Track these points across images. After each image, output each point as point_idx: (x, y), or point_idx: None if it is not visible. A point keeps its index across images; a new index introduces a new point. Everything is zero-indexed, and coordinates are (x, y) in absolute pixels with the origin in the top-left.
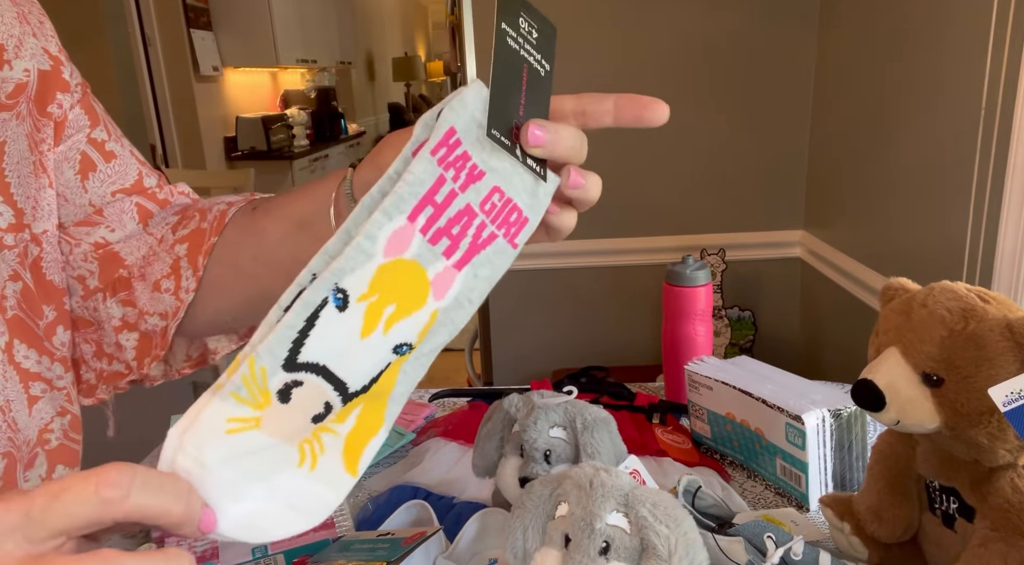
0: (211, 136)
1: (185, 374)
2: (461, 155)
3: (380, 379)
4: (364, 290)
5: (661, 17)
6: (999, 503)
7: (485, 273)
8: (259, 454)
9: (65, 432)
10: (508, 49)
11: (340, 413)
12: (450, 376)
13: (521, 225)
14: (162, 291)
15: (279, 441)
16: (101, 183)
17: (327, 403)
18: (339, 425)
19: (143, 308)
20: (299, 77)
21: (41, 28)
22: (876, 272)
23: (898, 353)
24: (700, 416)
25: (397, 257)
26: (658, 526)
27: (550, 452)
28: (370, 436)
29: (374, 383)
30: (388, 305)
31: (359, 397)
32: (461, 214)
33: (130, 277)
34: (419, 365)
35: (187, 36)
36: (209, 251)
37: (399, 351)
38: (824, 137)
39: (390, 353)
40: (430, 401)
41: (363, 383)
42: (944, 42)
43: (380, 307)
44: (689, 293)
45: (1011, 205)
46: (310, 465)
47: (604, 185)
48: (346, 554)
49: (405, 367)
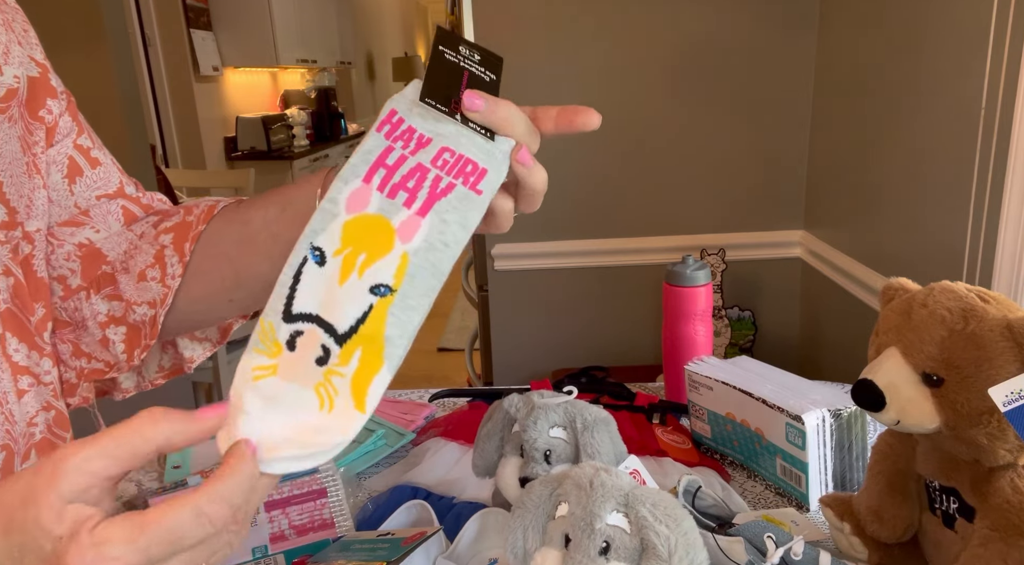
0: (211, 136)
1: (158, 385)
2: (406, 129)
3: (367, 321)
4: (337, 245)
5: (661, 18)
6: (999, 503)
7: (453, 217)
8: (283, 398)
9: (49, 427)
10: (445, 59)
11: (342, 355)
12: (450, 376)
13: (480, 175)
14: (148, 280)
15: (296, 386)
16: (87, 188)
17: (323, 345)
18: (344, 367)
19: (130, 299)
20: (299, 77)
21: (26, 36)
22: (876, 272)
23: (898, 353)
24: (700, 416)
25: (360, 212)
26: (658, 526)
27: (550, 452)
28: (373, 374)
29: (361, 324)
30: (360, 254)
31: (352, 339)
32: (413, 171)
33: (113, 272)
34: (408, 308)
35: (187, 36)
36: (196, 238)
37: (376, 291)
38: (824, 137)
39: (368, 294)
40: (430, 401)
41: (349, 324)
42: (944, 42)
43: (353, 256)
44: (689, 293)
45: (1011, 205)
46: (328, 407)
47: (604, 185)
48: (346, 554)
49: (392, 310)
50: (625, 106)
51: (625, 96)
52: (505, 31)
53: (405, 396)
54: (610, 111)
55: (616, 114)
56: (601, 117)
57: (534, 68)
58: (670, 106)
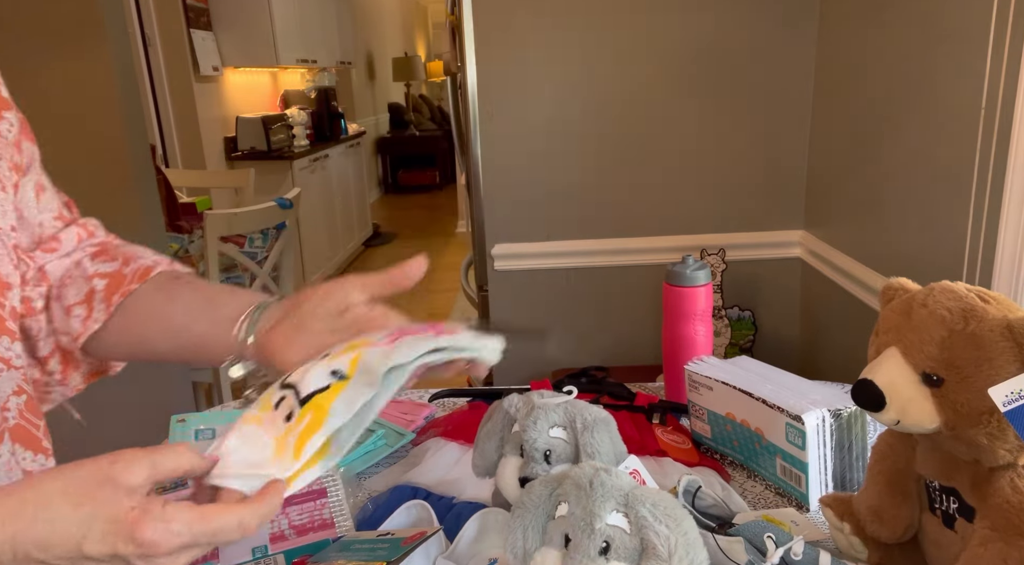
0: (211, 136)
1: (81, 389)
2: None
3: (322, 393)
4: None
5: (662, 18)
6: (999, 503)
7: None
8: (255, 441)
9: (21, 412)
10: None
11: (299, 417)
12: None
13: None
14: (72, 316)
15: (266, 435)
16: (43, 208)
17: (291, 408)
18: (297, 426)
19: (57, 326)
20: (299, 77)
21: None
22: (876, 272)
23: (898, 353)
24: (700, 416)
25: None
26: (658, 526)
27: (550, 452)
28: (312, 434)
29: (316, 394)
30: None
31: (307, 404)
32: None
33: (49, 297)
34: (354, 392)
35: (187, 36)
36: (125, 294)
37: (336, 376)
38: (824, 137)
39: (329, 376)
40: (430, 401)
41: (308, 392)
42: (944, 42)
43: (336, 355)
44: (689, 293)
45: (1011, 205)
46: (279, 453)
47: (604, 185)
48: (346, 554)
49: (337, 400)
50: (625, 106)
51: (625, 96)
52: (505, 31)
53: (405, 396)
54: (610, 111)
55: (616, 114)
56: (424, 265)
57: (534, 68)
58: (670, 106)
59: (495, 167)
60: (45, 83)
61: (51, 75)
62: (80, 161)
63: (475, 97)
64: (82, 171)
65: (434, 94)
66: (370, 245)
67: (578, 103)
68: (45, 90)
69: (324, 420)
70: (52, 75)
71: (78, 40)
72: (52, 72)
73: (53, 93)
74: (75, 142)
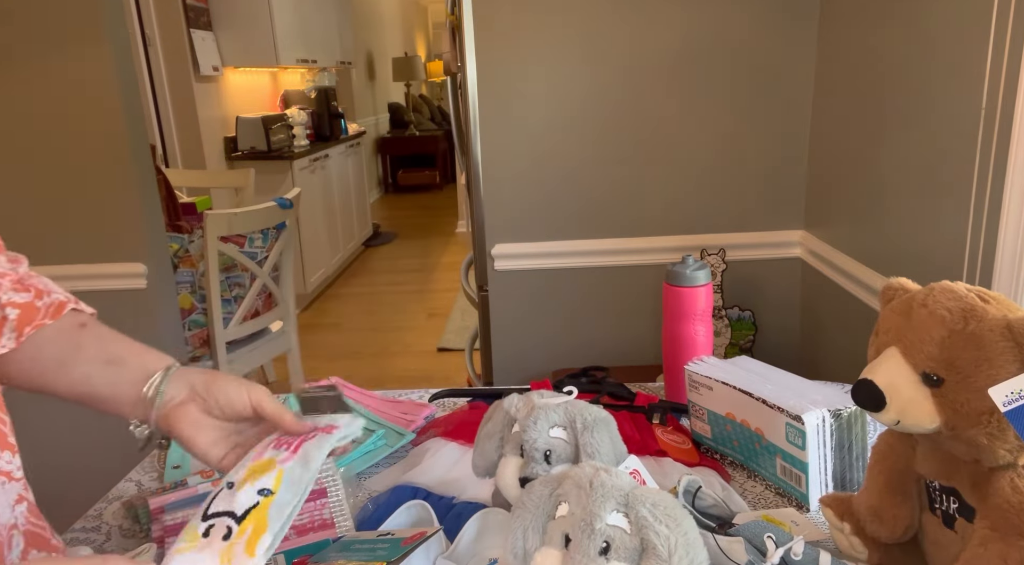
0: (211, 136)
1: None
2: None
3: (255, 509)
4: (243, 476)
5: (662, 17)
6: (999, 503)
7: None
8: (197, 563)
9: (27, 518)
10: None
11: (240, 530)
12: (450, 376)
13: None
14: None
15: (206, 557)
16: None
17: (228, 526)
18: (240, 537)
19: None
20: (299, 77)
21: None
22: (876, 272)
23: (898, 353)
24: (700, 416)
25: (261, 458)
26: (658, 526)
27: (550, 452)
28: (260, 536)
29: (251, 511)
30: (253, 476)
31: (246, 519)
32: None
33: None
34: (283, 502)
35: (187, 36)
36: (36, 328)
37: (262, 493)
38: (824, 137)
39: (256, 494)
40: (430, 401)
41: (243, 511)
42: (944, 42)
43: (248, 478)
44: (689, 293)
45: (1011, 205)
46: (228, 561)
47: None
48: (346, 554)
49: (271, 509)
50: (625, 105)
51: (625, 95)
52: (505, 31)
53: (405, 396)
54: (610, 110)
55: (616, 113)
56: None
57: (534, 68)
58: (670, 106)
59: (495, 167)
60: (45, 83)
61: (51, 75)
62: (80, 161)
63: (475, 97)
64: (82, 171)
65: (434, 94)
66: (370, 245)
67: (578, 103)
68: (45, 90)
69: (267, 525)
70: (52, 75)
71: (78, 40)
72: (52, 72)
73: (53, 93)
74: (75, 142)
